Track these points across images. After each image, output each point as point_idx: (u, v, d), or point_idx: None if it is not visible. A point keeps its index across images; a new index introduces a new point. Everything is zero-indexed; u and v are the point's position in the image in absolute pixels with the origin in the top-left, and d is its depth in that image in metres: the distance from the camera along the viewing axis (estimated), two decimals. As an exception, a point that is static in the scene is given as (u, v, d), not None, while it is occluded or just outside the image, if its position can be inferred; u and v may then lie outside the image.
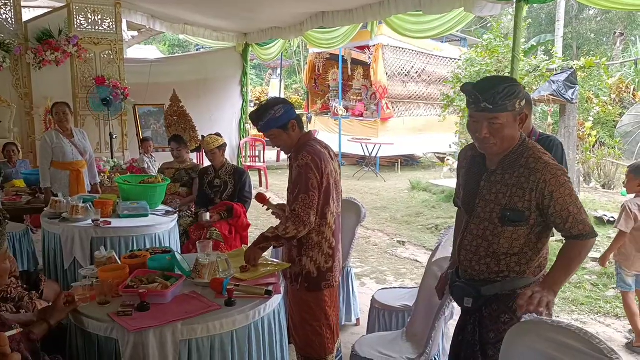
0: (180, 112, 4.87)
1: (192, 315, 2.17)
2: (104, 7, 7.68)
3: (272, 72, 23.91)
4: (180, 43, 23.99)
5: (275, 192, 9.22)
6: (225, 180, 4.65)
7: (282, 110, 2.65)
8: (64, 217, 3.79)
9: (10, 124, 7.42)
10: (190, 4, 7.56)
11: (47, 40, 7.26)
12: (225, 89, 9.89)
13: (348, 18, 6.44)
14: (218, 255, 2.58)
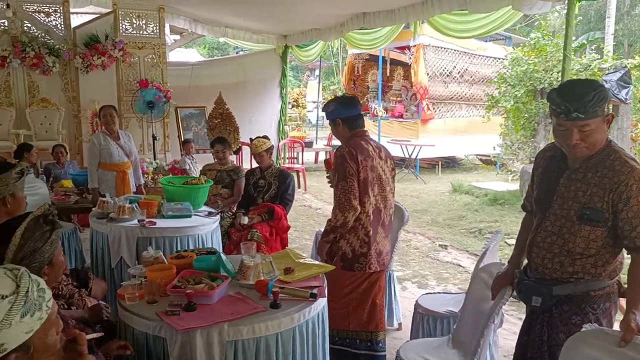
0: (225, 114, 4.96)
1: (238, 316, 2.19)
2: (148, 12, 7.90)
3: (310, 74, 24.03)
4: (219, 46, 24.41)
5: (313, 194, 9.25)
6: (269, 182, 4.71)
7: (332, 107, 3.13)
8: (111, 217, 3.90)
9: (59, 126, 7.71)
10: (231, 7, 7.69)
11: (94, 45, 7.52)
12: (264, 91, 10.01)
13: (390, 18, 6.40)
14: (262, 256, 2.60)
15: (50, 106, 7.69)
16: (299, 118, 19.34)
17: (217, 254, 2.66)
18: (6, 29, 7.33)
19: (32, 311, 1.09)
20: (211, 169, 5.14)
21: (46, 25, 7.54)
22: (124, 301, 2.36)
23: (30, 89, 7.70)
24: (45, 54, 7.37)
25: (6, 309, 1.05)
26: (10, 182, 2.57)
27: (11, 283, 1.10)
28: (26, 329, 1.08)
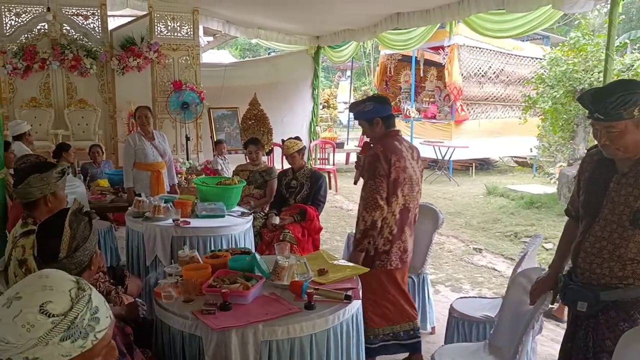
0: (259, 116, 5.01)
1: (273, 317, 2.21)
2: (182, 14, 8.04)
3: (341, 74, 24.04)
4: (251, 47, 24.63)
5: (344, 195, 9.24)
6: (301, 183, 4.73)
7: (371, 106, 3.08)
8: (147, 216, 3.97)
9: (95, 126, 7.92)
10: (265, 9, 7.76)
11: (130, 47, 7.69)
12: (296, 92, 10.06)
13: (424, 18, 6.35)
14: (297, 257, 2.62)
15: (87, 107, 7.90)
16: (330, 119, 19.35)
17: (252, 254, 2.69)
18: (46, 32, 7.57)
19: (75, 338, 1.09)
20: (244, 170, 5.19)
21: (84, 28, 7.74)
22: (160, 299, 2.40)
23: (69, 90, 7.93)
24: (83, 56, 7.57)
25: (48, 328, 1.06)
26: (52, 182, 2.65)
27: (67, 303, 1.10)
28: (63, 352, 1.08)
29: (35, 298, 1.08)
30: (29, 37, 7.55)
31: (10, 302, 1.08)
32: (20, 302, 1.07)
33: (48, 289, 1.11)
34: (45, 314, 1.07)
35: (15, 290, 1.11)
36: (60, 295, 1.10)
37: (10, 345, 1.04)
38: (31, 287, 1.12)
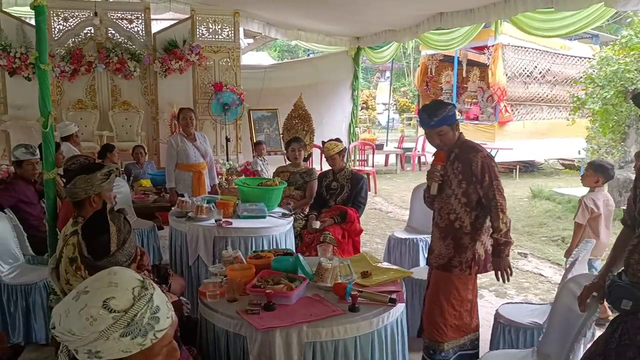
0: (303, 116, 5.06)
1: (317, 318, 2.23)
2: (223, 17, 8.20)
3: (380, 75, 23.96)
4: (289, 48, 24.82)
5: (384, 197, 9.20)
6: (342, 184, 4.73)
7: (453, 110, 2.98)
8: (190, 216, 4.06)
9: (138, 128, 8.13)
10: (305, 10, 7.81)
11: (173, 50, 7.88)
12: (335, 93, 10.08)
13: (469, 18, 6.25)
14: (340, 259, 2.62)
15: (130, 109, 8.13)
16: (368, 120, 19.31)
17: (296, 256, 2.71)
18: (92, 36, 7.84)
19: (134, 335, 1.12)
20: (284, 171, 5.23)
21: (128, 31, 7.97)
22: (205, 298, 2.45)
23: (113, 92, 8.18)
24: (127, 59, 7.80)
25: (109, 323, 1.10)
26: (96, 183, 2.74)
27: (129, 300, 1.14)
28: (123, 348, 1.12)
29: (100, 293, 1.13)
30: (75, 41, 7.83)
31: (78, 295, 1.13)
32: (87, 296, 1.13)
33: (113, 286, 1.15)
34: (108, 309, 1.11)
35: (85, 284, 1.17)
36: (123, 293, 1.15)
37: (75, 337, 1.10)
38: (98, 282, 1.17)
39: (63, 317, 1.11)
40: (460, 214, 2.94)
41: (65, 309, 1.12)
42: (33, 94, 7.53)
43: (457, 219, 2.95)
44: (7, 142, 7.79)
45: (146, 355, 1.15)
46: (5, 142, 7.81)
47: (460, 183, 2.93)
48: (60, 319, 1.12)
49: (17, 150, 4.40)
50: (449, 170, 2.98)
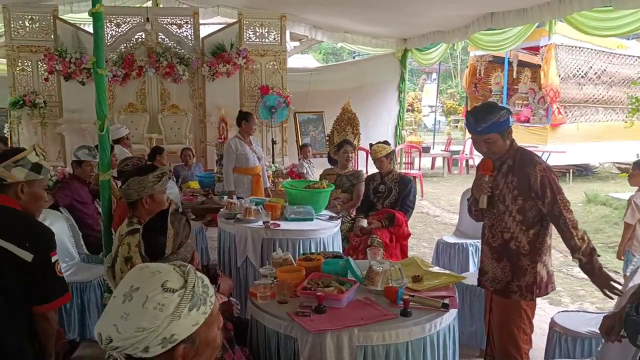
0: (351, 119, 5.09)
1: (369, 322, 2.22)
2: (270, 21, 8.31)
3: (426, 77, 23.72)
4: (334, 51, 24.90)
5: (430, 200, 9.09)
6: (390, 187, 4.71)
7: (506, 115, 2.63)
8: (238, 218, 4.13)
9: (186, 130, 8.33)
10: (352, 12, 7.82)
11: (220, 53, 8.05)
12: (382, 96, 10.05)
13: (521, 18, 6.11)
14: (391, 263, 2.61)
15: (179, 112, 8.34)
16: (414, 122, 19.13)
17: (346, 259, 2.72)
18: (143, 41, 8.09)
19: (198, 305, 1.18)
20: (331, 173, 5.25)
21: (178, 36, 8.19)
22: (256, 299, 2.48)
23: (162, 96, 8.41)
24: (176, 63, 8.01)
25: (176, 302, 1.15)
26: (148, 185, 2.81)
27: (179, 278, 1.19)
28: (193, 322, 1.17)
29: (152, 282, 1.17)
30: (127, 46, 8.10)
31: (129, 295, 1.15)
32: (140, 291, 1.15)
33: (157, 273, 1.20)
34: (169, 291, 1.15)
35: (127, 285, 1.19)
36: (170, 274, 1.19)
37: (146, 332, 1.12)
38: (140, 277, 1.20)
39: (122, 323, 1.13)
40: (516, 233, 2.66)
41: (120, 314, 1.14)
42: (86, 98, 7.96)
43: (513, 238, 2.67)
44: (62, 145, 8.13)
45: (208, 323, 1.21)
46: (60, 144, 8.14)
47: (516, 199, 2.64)
48: (117, 328, 1.13)
49: (80, 151, 4.58)
50: (501, 183, 2.69)
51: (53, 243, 2.17)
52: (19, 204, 2.19)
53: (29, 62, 7.98)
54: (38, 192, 2.26)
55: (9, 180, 2.15)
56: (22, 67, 7.95)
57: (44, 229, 2.19)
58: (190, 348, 1.18)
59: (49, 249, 2.14)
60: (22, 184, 2.19)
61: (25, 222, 2.16)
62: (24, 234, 2.08)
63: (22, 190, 2.19)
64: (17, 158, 2.17)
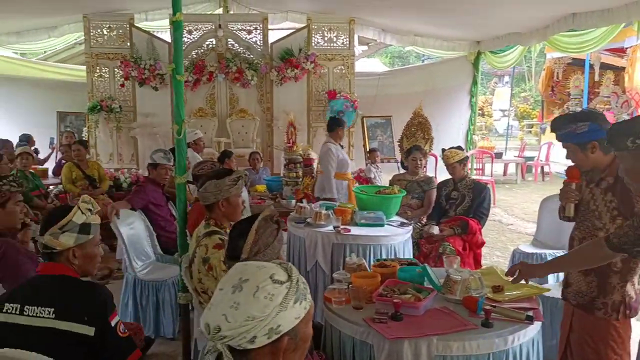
0: (423, 123, 5.05)
1: (448, 331, 2.19)
2: (339, 25, 8.39)
3: (497, 80, 23.12)
4: (401, 54, 24.75)
5: (503, 208, 8.83)
6: (463, 194, 4.63)
7: (585, 127, 2.45)
8: (308, 222, 4.17)
9: (253, 134, 8.54)
10: (424, 15, 7.76)
11: (288, 58, 8.20)
12: (452, 100, 9.89)
13: (605, 18, 5.82)
14: (470, 272, 2.56)
15: (247, 116, 8.55)
16: (484, 127, 18.67)
17: (423, 266, 2.69)
18: (214, 47, 8.36)
19: (301, 299, 1.24)
20: (401, 179, 5.21)
21: (247, 42, 8.42)
22: (331, 304, 2.50)
23: (231, 100, 8.67)
24: (245, 69, 8.24)
25: (284, 293, 1.21)
26: (224, 188, 2.91)
27: (284, 273, 1.26)
28: (296, 315, 1.23)
29: (261, 274, 1.24)
30: (198, 52, 8.40)
31: (239, 286, 1.22)
32: (250, 282, 1.22)
33: (262, 267, 1.27)
34: (278, 282, 1.22)
35: (235, 278, 1.25)
36: (275, 268, 1.26)
37: (256, 321, 1.18)
38: (248, 270, 1.26)
39: (232, 312, 1.19)
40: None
41: (230, 304, 1.20)
42: (159, 103, 8.33)
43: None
44: (135, 148, 8.54)
45: (307, 319, 1.27)
46: (133, 147, 8.55)
47: (615, 219, 2.46)
48: (226, 317, 1.19)
49: (156, 154, 4.79)
50: (598, 199, 2.53)
51: (110, 306, 2.06)
52: (73, 268, 2.10)
53: (106, 69, 8.44)
54: (91, 252, 2.16)
55: (58, 248, 2.06)
56: (99, 74, 8.43)
57: (99, 294, 2.06)
58: (292, 341, 1.24)
59: (108, 314, 2.02)
60: (73, 249, 2.08)
61: (81, 292, 2.05)
62: (81, 307, 1.98)
63: (75, 255, 2.09)
64: (63, 223, 2.05)
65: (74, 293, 2.03)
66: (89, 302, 2.00)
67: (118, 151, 8.55)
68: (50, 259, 2.09)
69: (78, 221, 2.06)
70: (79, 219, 2.07)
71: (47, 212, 2.20)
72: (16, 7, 7.44)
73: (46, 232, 2.05)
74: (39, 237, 2.07)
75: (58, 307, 1.95)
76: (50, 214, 2.14)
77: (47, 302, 1.96)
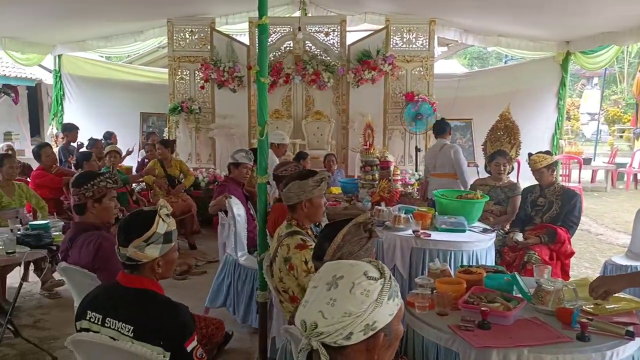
0: (510, 127, 4.91)
1: (540, 343, 2.13)
2: (419, 26, 8.31)
3: (585, 82, 22.07)
4: (480, 55, 24.13)
5: (592, 217, 8.41)
6: (550, 200, 4.47)
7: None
8: (387, 226, 4.17)
9: (328, 136, 8.60)
10: (509, 15, 7.53)
11: (366, 60, 8.20)
12: (538, 102, 9.52)
13: None
14: (563, 282, 2.47)
15: (322, 118, 8.64)
16: (570, 131, 17.84)
17: (512, 274, 2.62)
18: (291, 49, 8.52)
19: (394, 296, 1.26)
20: (483, 184, 5.10)
21: (324, 44, 8.50)
22: (414, 309, 2.49)
23: (307, 102, 8.78)
24: (322, 71, 8.33)
25: (379, 289, 1.23)
26: (307, 189, 2.95)
27: (376, 270, 1.28)
28: (390, 312, 1.25)
29: (356, 271, 1.25)
30: (275, 55, 8.57)
31: (334, 283, 1.24)
32: (345, 279, 1.24)
33: (355, 265, 1.29)
34: (372, 279, 1.24)
35: (328, 275, 1.27)
36: (367, 266, 1.28)
37: (353, 317, 1.20)
38: (341, 268, 1.28)
39: (328, 309, 1.21)
40: None
41: (327, 301, 1.22)
42: (236, 105, 8.58)
43: None
44: (212, 148, 8.84)
45: (398, 316, 1.28)
46: (211, 147, 8.85)
47: None
48: (323, 314, 1.21)
49: (238, 154, 4.95)
50: None
51: (190, 328, 2.01)
52: (155, 277, 2.11)
53: (187, 71, 8.79)
54: (172, 258, 2.16)
55: (144, 261, 2.05)
56: (181, 76, 8.79)
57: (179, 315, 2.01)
58: (387, 338, 1.25)
59: (186, 337, 1.97)
60: (157, 260, 2.08)
61: (161, 312, 2.01)
62: (160, 329, 1.96)
63: (159, 265, 2.09)
64: (148, 236, 2.02)
65: (154, 312, 2.00)
66: (168, 323, 1.96)
67: (196, 151, 8.87)
68: (133, 271, 2.07)
69: (161, 231, 2.05)
70: (162, 229, 2.06)
71: (125, 221, 2.14)
72: (107, 14, 7.93)
73: (129, 243, 2.02)
74: (121, 249, 2.05)
75: (137, 325, 1.95)
76: (130, 224, 2.09)
77: (127, 319, 1.97)
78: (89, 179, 3.09)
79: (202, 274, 5.65)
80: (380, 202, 5.31)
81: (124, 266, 2.11)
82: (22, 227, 4.11)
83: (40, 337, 4.08)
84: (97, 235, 2.97)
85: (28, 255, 3.65)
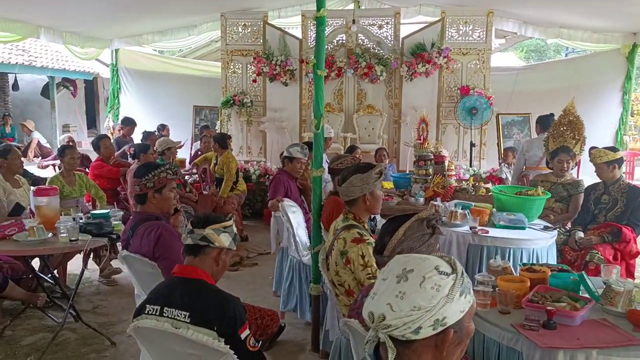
0: (574, 122, 4.74)
1: (609, 345, 2.07)
2: (475, 17, 8.14)
3: (652, 76, 21.07)
4: (537, 48, 23.43)
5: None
6: (615, 198, 4.32)
7: None
8: (443, 221, 4.12)
9: (380, 130, 8.55)
10: (572, 4, 7.28)
11: (420, 53, 8.10)
12: (600, 97, 9.17)
13: None
14: (635, 283, 2.39)
15: (374, 112, 8.59)
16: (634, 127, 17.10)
17: (580, 274, 2.56)
18: (344, 42, 8.50)
19: (466, 293, 1.24)
20: (544, 180, 4.96)
21: (378, 37, 8.44)
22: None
23: (359, 96, 8.76)
24: (374, 64, 8.28)
25: (450, 284, 1.22)
26: (370, 182, 2.94)
27: (447, 265, 1.26)
28: (461, 308, 1.23)
29: (426, 265, 1.24)
30: (328, 47, 8.57)
31: (404, 276, 1.23)
32: (416, 272, 1.23)
33: (426, 259, 1.27)
34: (443, 274, 1.22)
35: (398, 268, 1.26)
36: (439, 260, 1.26)
37: (422, 311, 1.19)
38: (411, 261, 1.27)
39: (397, 302, 1.20)
40: None
41: (395, 294, 1.21)
42: (287, 98, 8.65)
43: None
44: (263, 141, 8.94)
45: (470, 313, 1.26)
46: (262, 141, 8.96)
47: None
48: (391, 307, 1.20)
49: (293, 148, 5.00)
50: None
51: (241, 319, 2.10)
52: (212, 271, 2.22)
53: (240, 65, 8.91)
54: (227, 261, 2.30)
55: (216, 245, 2.20)
56: (233, 70, 8.92)
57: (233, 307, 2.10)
58: (457, 335, 1.24)
59: (238, 327, 2.07)
60: (223, 251, 2.24)
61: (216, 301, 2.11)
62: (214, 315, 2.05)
63: (221, 257, 2.23)
64: (226, 225, 2.24)
65: (209, 300, 2.10)
66: (221, 312, 2.06)
67: (248, 144, 9.00)
68: (198, 254, 2.20)
69: (233, 230, 2.29)
70: (233, 230, 2.30)
71: (204, 213, 2.36)
72: (163, 9, 8.13)
73: (207, 226, 2.19)
74: (196, 230, 2.18)
75: (193, 311, 2.04)
76: (209, 215, 2.30)
77: (183, 305, 2.06)
78: (150, 170, 3.18)
79: (253, 266, 5.75)
80: (433, 197, 5.26)
81: (188, 251, 2.22)
82: (83, 215, 4.27)
83: (99, 323, 4.25)
84: (158, 225, 3.06)
85: (90, 243, 3.79)
